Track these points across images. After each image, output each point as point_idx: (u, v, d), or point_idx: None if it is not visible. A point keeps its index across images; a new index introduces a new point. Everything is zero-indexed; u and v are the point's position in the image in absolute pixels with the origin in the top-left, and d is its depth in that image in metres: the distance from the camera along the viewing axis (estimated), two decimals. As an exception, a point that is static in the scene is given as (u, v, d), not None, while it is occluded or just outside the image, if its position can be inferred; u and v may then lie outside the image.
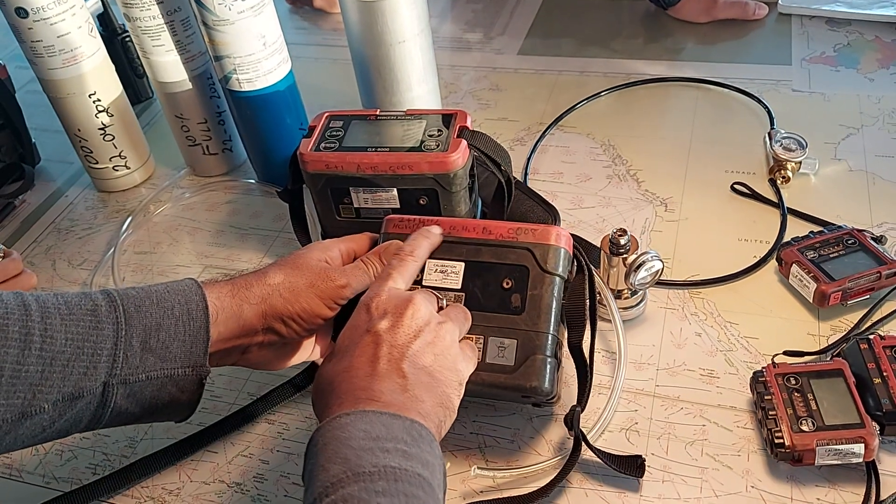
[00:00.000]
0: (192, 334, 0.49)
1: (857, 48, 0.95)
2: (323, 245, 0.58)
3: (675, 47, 1.00)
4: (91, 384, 0.46)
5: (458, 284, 0.57)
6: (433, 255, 0.57)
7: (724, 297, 0.67)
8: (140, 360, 0.47)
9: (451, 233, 0.58)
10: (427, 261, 0.57)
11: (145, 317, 0.48)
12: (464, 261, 0.57)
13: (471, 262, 0.57)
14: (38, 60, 0.80)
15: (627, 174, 0.82)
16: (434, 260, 0.57)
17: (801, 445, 0.52)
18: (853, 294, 0.63)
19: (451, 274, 0.57)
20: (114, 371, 0.46)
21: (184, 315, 0.49)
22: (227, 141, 0.89)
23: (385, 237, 0.60)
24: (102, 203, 0.90)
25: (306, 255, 0.56)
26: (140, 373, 0.47)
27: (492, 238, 0.57)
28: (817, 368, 0.57)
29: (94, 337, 0.46)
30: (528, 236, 0.56)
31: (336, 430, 0.42)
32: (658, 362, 0.63)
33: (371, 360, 0.47)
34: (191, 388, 0.50)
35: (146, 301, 0.49)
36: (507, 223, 0.58)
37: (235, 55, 0.74)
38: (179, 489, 0.60)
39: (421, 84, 0.81)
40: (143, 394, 0.48)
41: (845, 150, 0.81)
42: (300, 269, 0.54)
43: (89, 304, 0.47)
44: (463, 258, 0.57)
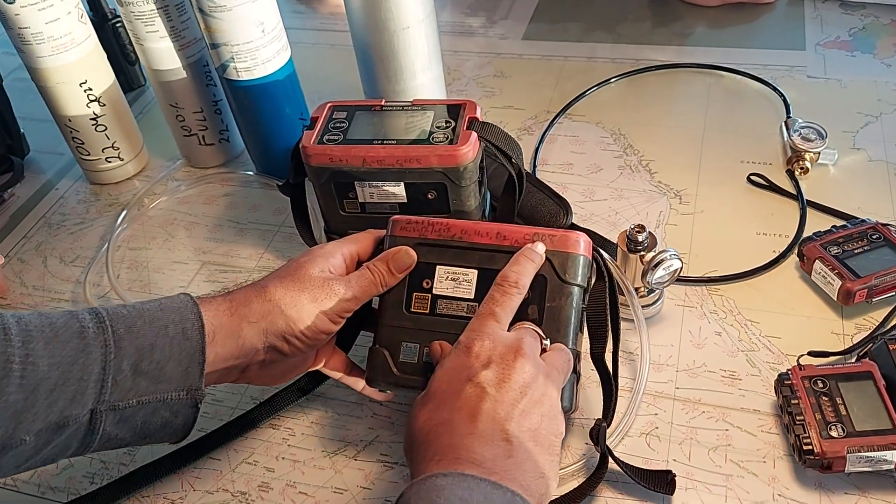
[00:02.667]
0: (187, 355, 0.46)
1: (872, 32, 0.93)
2: (324, 251, 0.54)
3: (685, 32, 0.97)
4: (78, 411, 0.43)
5: (471, 294, 0.53)
6: (444, 262, 0.54)
7: (743, 294, 0.65)
8: (131, 383, 0.44)
9: (463, 238, 0.54)
10: (437, 267, 0.54)
11: (137, 337, 0.45)
12: (476, 268, 0.54)
13: (484, 270, 0.53)
14: (25, 48, 0.76)
15: (640, 165, 0.79)
16: (445, 267, 0.54)
17: (832, 452, 0.50)
18: (878, 291, 0.61)
19: (463, 282, 0.54)
20: (102, 397, 0.44)
21: (178, 335, 0.46)
22: (223, 131, 0.86)
23: (391, 241, 0.56)
24: (95, 196, 0.87)
25: (308, 266, 0.52)
26: (131, 397, 0.45)
27: (507, 244, 0.53)
28: (846, 371, 0.54)
29: (81, 361, 0.43)
30: (545, 243, 0.53)
31: (431, 493, 0.38)
32: (677, 363, 0.61)
33: (472, 416, 0.43)
34: (185, 412, 0.47)
35: (138, 320, 0.46)
36: (523, 228, 0.54)
37: (233, 43, 0.71)
38: (182, 499, 0.58)
39: (426, 72, 0.78)
40: (135, 419, 0.45)
41: (864, 139, 0.78)
42: (302, 283, 0.51)
43: (76, 325, 0.44)
44: (475, 265, 0.54)
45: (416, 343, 0.55)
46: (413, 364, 0.55)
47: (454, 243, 0.54)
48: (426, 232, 0.55)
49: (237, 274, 0.74)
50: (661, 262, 0.60)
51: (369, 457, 0.58)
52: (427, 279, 0.55)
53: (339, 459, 0.59)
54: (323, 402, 0.62)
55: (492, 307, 0.48)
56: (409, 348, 0.55)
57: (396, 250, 0.54)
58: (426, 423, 0.44)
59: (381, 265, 0.54)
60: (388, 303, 0.55)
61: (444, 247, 0.54)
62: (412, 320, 0.55)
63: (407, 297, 0.55)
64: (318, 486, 0.57)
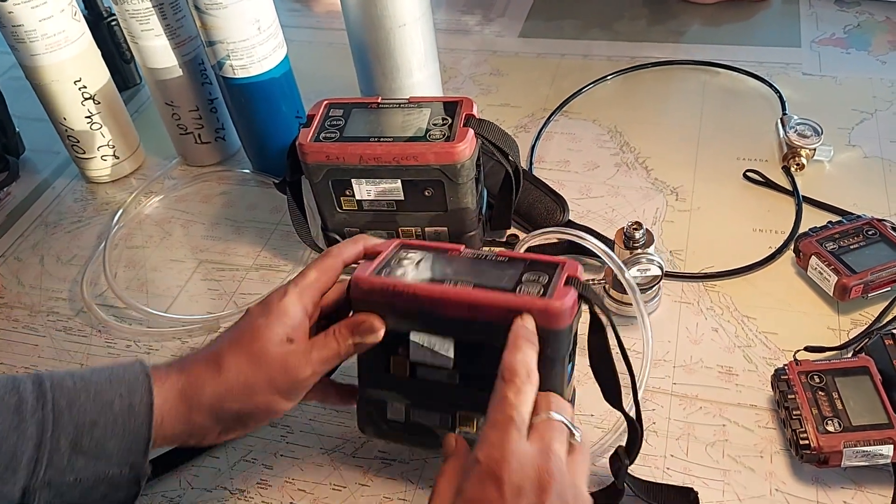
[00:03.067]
0: (132, 432, 0.44)
1: (867, 29, 0.93)
2: (281, 308, 0.48)
3: (680, 29, 0.97)
4: (8, 489, 0.42)
5: (449, 363, 0.49)
6: (419, 328, 0.49)
7: (740, 291, 0.65)
8: (68, 461, 0.43)
9: (434, 310, 0.48)
10: (411, 333, 0.49)
11: (78, 413, 0.43)
12: (453, 338, 0.49)
13: (461, 341, 0.49)
14: (19, 46, 0.76)
15: (636, 162, 0.79)
16: (419, 334, 0.49)
17: (828, 447, 0.51)
18: (874, 287, 0.61)
19: (440, 351, 0.49)
20: (36, 475, 0.42)
21: (124, 411, 0.44)
22: (219, 129, 0.86)
23: (355, 304, 0.50)
24: (91, 194, 0.86)
25: (266, 337, 0.47)
26: (67, 475, 0.43)
27: (481, 318, 0.47)
28: (842, 366, 0.55)
29: (13, 438, 0.42)
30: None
31: None
32: (674, 359, 0.61)
33: None
34: (127, 488, 0.45)
35: (82, 394, 0.44)
36: (497, 298, 0.46)
37: (229, 40, 0.71)
38: (180, 496, 0.58)
39: (422, 69, 0.78)
40: (71, 495, 0.44)
41: (859, 135, 0.78)
42: (258, 362, 0.47)
43: (14, 398, 0.43)
44: (451, 335, 0.49)
45: (402, 404, 0.53)
46: (401, 423, 0.53)
47: (425, 313, 0.48)
48: (393, 300, 0.49)
49: (235, 272, 0.74)
50: (636, 264, 0.60)
51: (367, 454, 0.58)
52: (402, 346, 0.50)
53: (337, 456, 0.59)
54: (321, 399, 0.62)
55: (509, 412, 0.42)
56: (396, 408, 0.53)
57: (363, 321, 0.49)
58: None
59: (346, 334, 0.49)
60: (367, 364, 0.52)
61: (415, 316, 0.49)
62: (394, 382, 0.52)
63: (385, 359, 0.51)
64: (317, 482, 0.57)
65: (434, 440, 0.52)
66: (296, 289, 0.49)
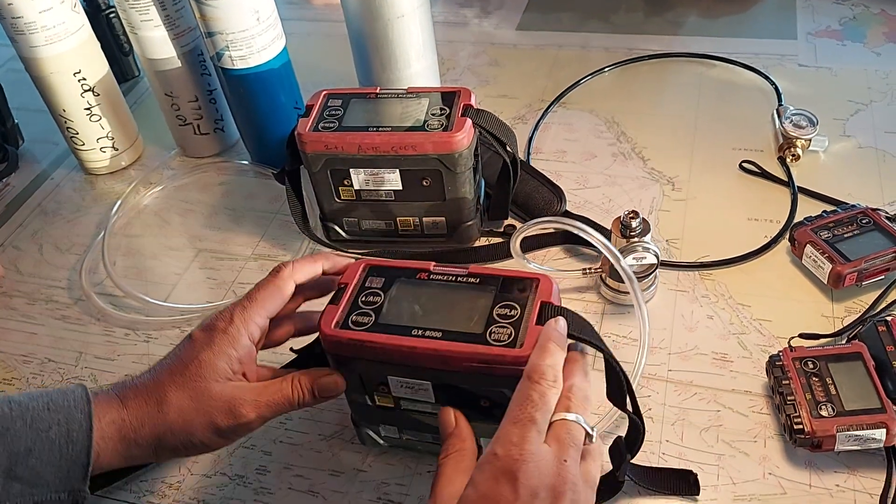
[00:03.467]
0: (69, 459, 0.43)
1: (862, 21, 0.93)
2: (229, 341, 0.47)
3: (677, 21, 0.98)
4: None
5: (431, 399, 0.49)
6: (395, 375, 0.48)
7: (735, 279, 0.66)
8: (2, 488, 0.42)
9: (406, 361, 0.47)
10: (388, 377, 0.49)
11: (13, 441, 0.43)
12: (430, 381, 0.48)
13: (437, 384, 0.48)
14: (18, 37, 0.76)
15: (633, 152, 0.80)
16: (396, 377, 0.49)
17: (822, 431, 0.51)
18: (868, 275, 0.62)
19: (419, 390, 0.49)
20: None
21: (61, 437, 0.43)
22: (218, 120, 0.86)
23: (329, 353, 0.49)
24: (90, 185, 0.87)
25: (209, 373, 0.46)
26: (3, 501, 0.43)
27: (452, 368, 0.46)
28: (835, 352, 0.55)
29: None
30: (495, 369, 0.45)
31: None
32: (670, 346, 0.62)
33: None
34: None
35: (18, 421, 0.44)
36: (466, 351, 0.45)
37: (228, 31, 0.71)
38: (180, 483, 0.58)
39: (420, 60, 0.78)
40: None
41: (854, 126, 0.79)
42: (200, 400, 0.46)
43: None
44: (427, 378, 0.48)
45: (394, 426, 0.54)
46: (397, 439, 0.55)
47: (399, 364, 0.48)
48: (363, 353, 0.48)
49: (233, 261, 0.75)
50: (632, 252, 0.61)
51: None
52: (383, 385, 0.50)
53: (335, 442, 0.59)
54: (319, 386, 0.63)
55: (532, 413, 0.41)
56: (389, 429, 0.55)
57: (325, 377, 0.48)
58: None
59: (306, 386, 0.48)
60: (352, 395, 0.52)
61: (390, 365, 0.48)
62: (381, 411, 0.52)
63: (369, 395, 0.51)
64: (315, 468, 0.58)
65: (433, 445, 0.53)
66: (242, 314, 0.48)
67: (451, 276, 0.50)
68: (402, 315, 0.48)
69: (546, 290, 0.47)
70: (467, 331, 0.46)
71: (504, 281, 0.49)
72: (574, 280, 0.67)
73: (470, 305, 0.48)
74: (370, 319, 0.48)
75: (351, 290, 0.50)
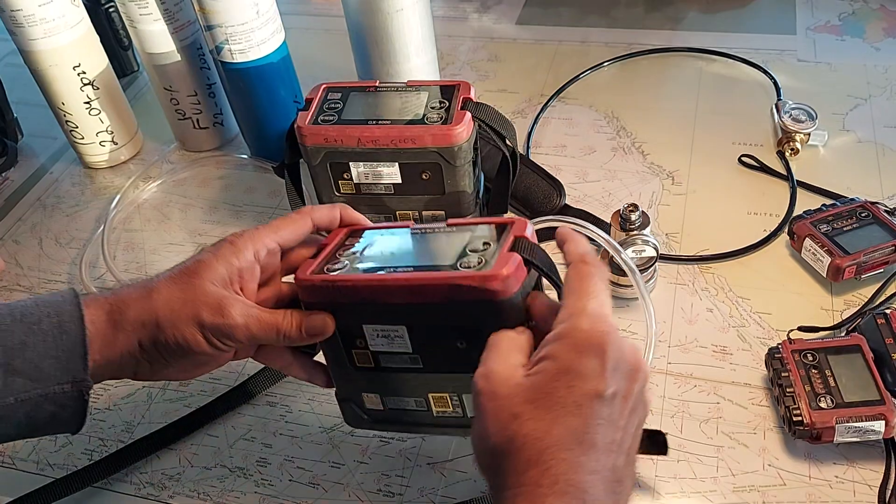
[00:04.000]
0: (66, 349, 0.43)
1: (862, 17, 0.93)
2: (236, 247, 0.47)
3: (677, 16, 0.98)
4: None
5: (408, 349, 0.48)
6: (369, 322, 0.47)
7: (734, 272, 0.66)
8: (4, 383, 0.43)
9: (376, 299, 0.46)
10: (364, 326, 0.48)
11: (4, 337, 0.43)
12: (404, 325, 0.47)
13: (411, 327, 0.47)
14: (18, 31, 0.76)
15: (632, 146, 0.80)
16: (371, 325, 0.48)
17: (821, 423, 0.51)
18: (867, 268, 0.62)
19: (395, 338, 0.48)
20: None
21: (54, 329, 0.43)
22: (218, 114, 0.86)
23: (305, 304, 0.48)
24: (89, 179, 0.87)
25: (207, 273, 0.45)
26: (6, 396, 0.43)
27: (424, 301, 0.45)
28: (835, 344, 0.55)
29: None
30: (465, 294, 0.43)
31: None
32: (670, 339, 0.62)
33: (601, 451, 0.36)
34: (72, 405, 0.45)
35: (7, 318, 0.44)
36: (433, 278, 0.44)
37: (227, 24, 0.71)
38: (180, 474, 0.58)
39: (419, 54, 0.78)
40: (16, 416, 0.44)
41: (853, 121, 0.79)
42: (190, 293, 0.45)
43: None
44: (402, 322, 0.47)
45: (376, 394, 0.52)
46: (380, 411, 0.53)
47: (371, 305, 0.47)
48: (336, 297, 0.47)
49: (233, 255, 0.75)
50: (632, 245, 0.61)
51: (366, 432, 0.59)
52: (359, 338, 0.49)
53: (335, 435, 0.59)
54: (319, 379, 0.63)
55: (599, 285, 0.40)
56: (371, 398, 0.53)
57: (314, 316, 0.47)
58: (539, 436, 0.36)
59: (296, 321, 0.47)
60: (332, 361, 0.52)
61: (362, 308, 0.47)
62: (362, 375, 0.51)
63: (347, 354, 0.50)
64: (316, 460, 0.58)
65: (420, 423, 0.52)
66: (253, 232, 0.48)
67: (430, 229, 0.50)
68: (376, 259, 0.48)
69: (521, 228, 0.46)
70: (438, 264, 0.45)
71: (479, 226, 0.48)
72: (574, 273, 0.68)
73: (444, 247, 0.47)
74: (345, 265, 0.47)
75: (331, 248, 0.50)
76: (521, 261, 0.44)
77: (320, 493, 0.56)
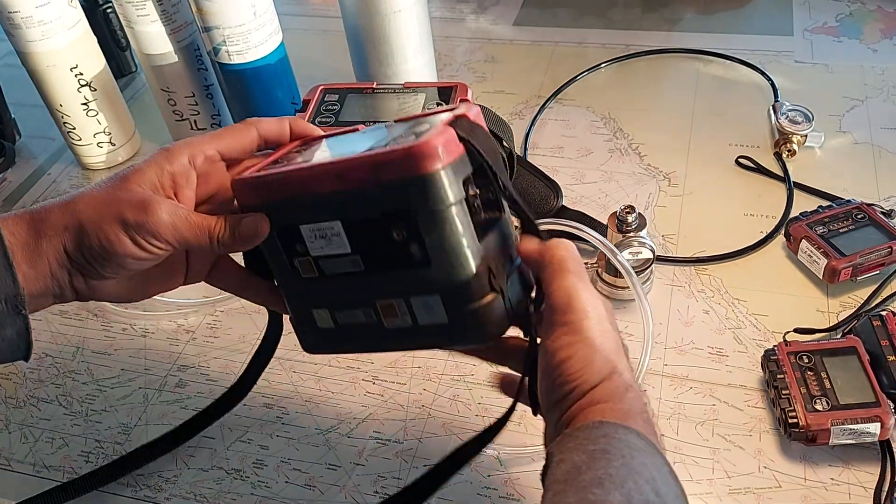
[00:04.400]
0: None
1: (859, 18, 0.94)
2: (167, 154, 0.44)
3: (674, 17, 0.98)
4: None
5: (347, 248, 0.44)
6: (303, 221, 0.44)
7: (731, 274, 0.66)
8: None
9: (307, 191, 0.44)
10: (300, 227, 0.45)
11: None
12: (338, 219, 0.44)
13: (346, 221, 0.44)
14: (15, 32, 0.76)
15: (629, 148, 0.80)
16: (307, 225, 0.45)
17: (816, 425, 0.51)
18: (863, 270, 0.62)
19: (332, 237, 0.45)
20: None
21: None
22: (215, 115, 0.86)
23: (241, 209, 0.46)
24: (87, 180, 0.87)
25: (135, 175, 0.43)
26: None
27: (353, 187, 0.42)
28: (830, 346, 0.55)
29: None
30: (391, 172, 0.40)
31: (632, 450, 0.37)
32: (665, 341, 0.62)
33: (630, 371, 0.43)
34: (12, 321, 0.42)
35: None
36: (359, 157, 0.42)
37: (225, 26, 0.71)
38: (177, 476, 0.58)
39: (417, 56, 0.78)
40: None
41: (850, 122, 0.79)
42: (114, 193, 0.43)
43: None
44: (336, 216, 0.44)
45: (325, 308, 0.48)
46: (332, 329, 0.48)
47: (303, 198, 0.44)
48: (270, 195, 0.45)
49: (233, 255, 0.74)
50: (628, 247, 0.61)
51: (362, 434, 0.59)
52: (298, 243, 0.46)
53: (332, 436, 0.59)
54: (316, 380, 0.63)
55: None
56: (321, 315, 0.48)
57: (246, 218, 0.44)
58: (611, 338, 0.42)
59: (229, 223, 0.44)
60: (280, 277, 0.48)
61: (295, 204, 0.45)
62: (309, 287, 0.47)
63: (290, 264, 0.47)
64: (312, 462, 0.58)
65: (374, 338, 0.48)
66: (190, 139, 0.45)
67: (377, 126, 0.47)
68: (316, 158, 0.45)
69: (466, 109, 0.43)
70: (370, 147, 0.42)
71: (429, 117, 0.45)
72: (570, 275, 0.68)
73: (384, 136, 0.44)
74: (281, 167, 0.45)
75: (276, 155, 0.48)
76: (454, 135, 0.41)
77: (316, 495, 0.56)
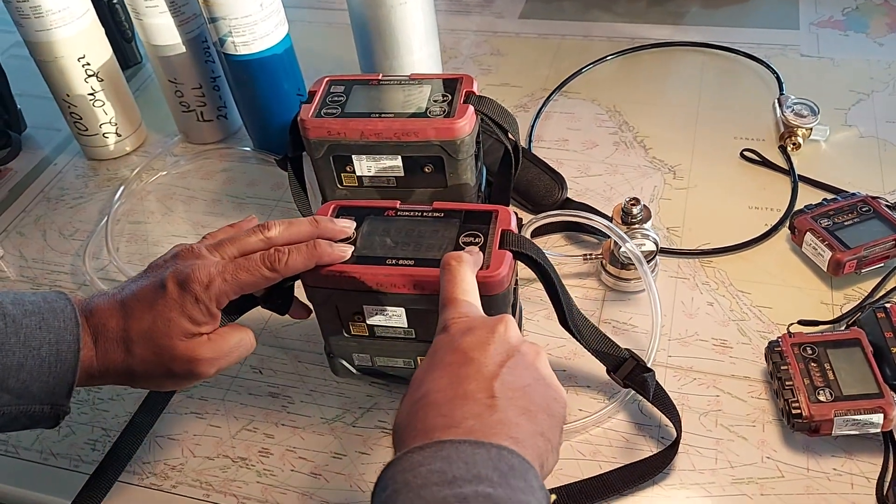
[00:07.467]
0: (56, 376, 0.47)
1: (865, 12, 0.93)
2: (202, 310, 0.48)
3: (679, 10, 0.98)
4: None
5: (404, 324, 0.54)
6: (369, 302, 0.53)
7: (735, 266, 0.66)
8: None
9: (380, 289, 0.51)
10: (364, 307, 0.53)
11: (6, 356, 0.45)
12: (402, 307, 0.53)
13: (410, 308, 0.53)
14: (24, 21, 0.76)
15: (634, 141, 0.80)
16: (371, 306, 0.53)
17: (819, 416, 0.52)
18: (868, 262, 0.62)
19: (392, 317, 0.54)
20: None
21: (51, 356, 0.46)
22: (222, 107, 0.86)
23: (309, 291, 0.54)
24: (93, 171, 0.87)
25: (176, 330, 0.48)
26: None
27: (424, 293, 0.50)
28: (834, 338, 0.56)
29: None
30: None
31: (407, 474, 0.35)
32: (670, 332, 0.62)
33: (453, 383, 0.39)
34: (46, 422, 0.48)
35: (12, 337, 0.46)
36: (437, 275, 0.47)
37: (231, 17, 0.72)
38: (182, 465, 0.59)
39: (422, 48, 0.78)
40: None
41: (855, 116, 0.79)
42: (163, 355, 0.48)
43: None
44: (401, 305, 0.53)
45: (367, 354, 0.58)
46: (369, 367, 0.59)
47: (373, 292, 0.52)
48: (340, 284, 0.52)
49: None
50: (632, 238, 0.61)
51: (367, 423, 0.59)
52: (357, 314, 0.54)
53: (337, 426, 0.60)
54: (321, 370, 0.63)
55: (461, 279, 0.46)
56: (362, 357, 0.58)
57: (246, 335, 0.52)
58: (405, 408, 0.41)
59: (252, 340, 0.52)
60: (328, 327, 0.56)
61: (363, 293, 0.52)
62: (356, 340, 0.57)
63: (345, 326, 0.56)
64: (318, 451, 0.58)
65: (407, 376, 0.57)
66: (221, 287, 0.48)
67: (417, 212, 0.55)
68: (376, 248, 0.52)
69: (505, 220, 0.52)
70: (437, 257, 0.49)
71: (466, 215, 0.54)
72: (575, 266, 0.68)
73: (438, 237, 0.53)
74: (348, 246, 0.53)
75: None
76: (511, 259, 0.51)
77: (322, 484, 0.56)
